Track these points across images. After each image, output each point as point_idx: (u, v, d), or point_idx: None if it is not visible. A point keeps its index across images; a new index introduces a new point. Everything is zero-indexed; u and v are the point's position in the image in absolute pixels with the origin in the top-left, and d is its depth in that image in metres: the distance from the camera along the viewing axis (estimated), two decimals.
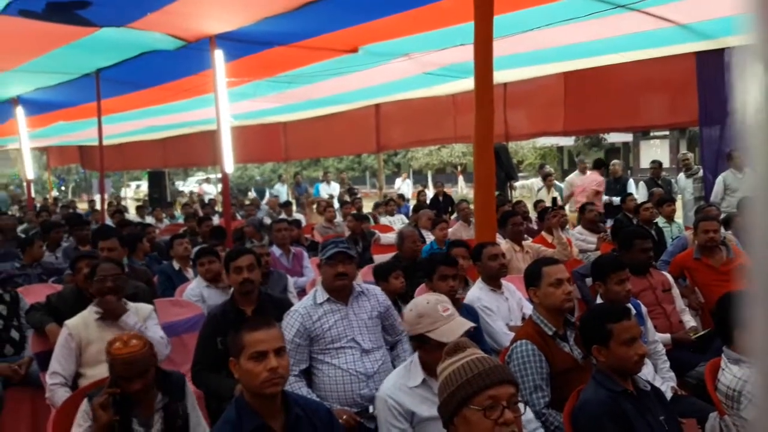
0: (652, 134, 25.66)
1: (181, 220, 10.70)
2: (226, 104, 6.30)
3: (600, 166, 9.16)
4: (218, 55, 5.94)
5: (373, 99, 10.63)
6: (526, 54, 6.98)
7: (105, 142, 7.88)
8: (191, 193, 21.00)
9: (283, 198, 13.40)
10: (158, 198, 16.13)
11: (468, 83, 8.49)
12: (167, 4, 4.68)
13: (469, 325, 2.33)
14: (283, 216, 8.84)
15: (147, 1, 4.71)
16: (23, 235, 6.83)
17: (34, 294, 4.47)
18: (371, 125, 11.38)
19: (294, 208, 11.06)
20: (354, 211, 8.53)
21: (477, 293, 3.72)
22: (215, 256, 4.28)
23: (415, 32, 6.03)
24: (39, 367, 3.53)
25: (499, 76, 4.02)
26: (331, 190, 14.87)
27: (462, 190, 26.18)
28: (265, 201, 13.14)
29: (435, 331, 2.24)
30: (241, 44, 6.00)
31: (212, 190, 21.00)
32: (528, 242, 5.55)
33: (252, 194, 20.48)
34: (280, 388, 1.90)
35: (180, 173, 28.32)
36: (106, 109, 7.66)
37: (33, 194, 11.55)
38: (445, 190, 12.08)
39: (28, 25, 5.08)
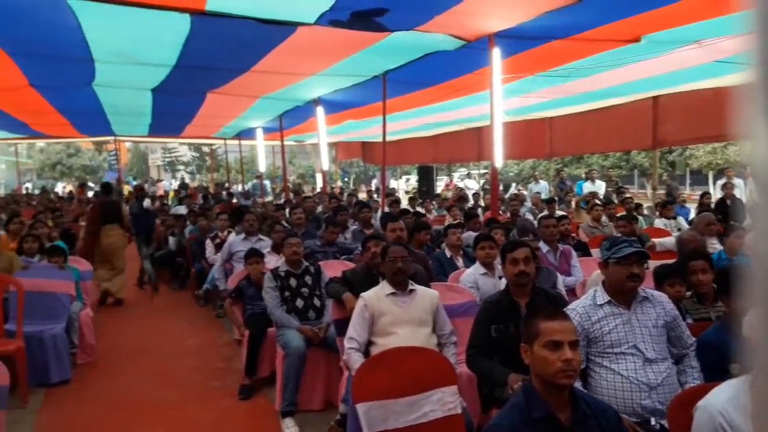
0: None
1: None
2: (500, 101, 6.43)
3: None
4: (496, 52, 6.08)
5: (651, 91, 9.82)
6: None
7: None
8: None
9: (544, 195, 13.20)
10: (426, 190, 17.21)
11: None
12: (454, 5, 4.94)
13: None
14: (546, 213, 8.72)
15: (435, 4, 5.03)
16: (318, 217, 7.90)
17: (330, 269, 5.14)
18: (647, 119, 10.51)
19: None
20: (623, 212, 8.03)
21: None
22: (494, 242, 4.44)
23: (710, 17, 5.43)
24: (336, 332, 4.06)
25: None
26: (595, 188, 14.16)
27: (752, 194, 22.73)
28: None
29: None
30: (518, 41, 6.06)
31: (474, 185, 21.63)
32: None
33: (513, 190, 20.62)
34: (573, 381, 1.90)
35: (444, 168, 29.76)
36: (389, 108, 8.38)
37: (319, 184, 13.12)
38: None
39: (334, 33, 5.81)
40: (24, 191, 23.52)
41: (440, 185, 25.38)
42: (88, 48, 6.24)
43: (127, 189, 21.66)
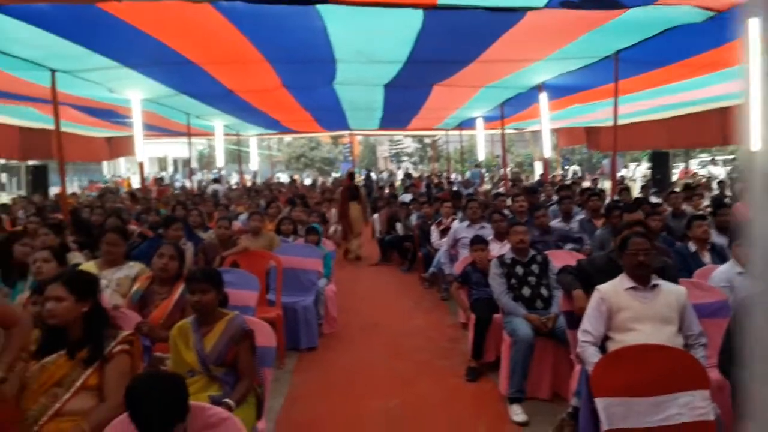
0: None
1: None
2: (758, 76, 5.63)
3: None
4: (753, 22, 5.33)
5: None
6: None
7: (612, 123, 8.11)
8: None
9: None
10: (661, 179, 15.73)
11: None
12: None
13: None
14: None
15: None
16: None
17: (558, 260, 5.02)
18: None
19: None
20: None
21: None
22: None
23: None
24: (566, 324, 3.97)
25: None
26: None
27: None
28: None
29: None
30: None
31: (719, 172, 19.30)
32: None
33: None
34: None
35: (680, 154, 26.95)
36: (621, 90, 7.84)
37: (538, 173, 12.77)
38: None
39: (563, 15, 5.60)
40: (275, 180, 26.82)
41: (676, 173, 23.07)
42: (331, 49, 6.88)
43: (358, 178, 23.47)
